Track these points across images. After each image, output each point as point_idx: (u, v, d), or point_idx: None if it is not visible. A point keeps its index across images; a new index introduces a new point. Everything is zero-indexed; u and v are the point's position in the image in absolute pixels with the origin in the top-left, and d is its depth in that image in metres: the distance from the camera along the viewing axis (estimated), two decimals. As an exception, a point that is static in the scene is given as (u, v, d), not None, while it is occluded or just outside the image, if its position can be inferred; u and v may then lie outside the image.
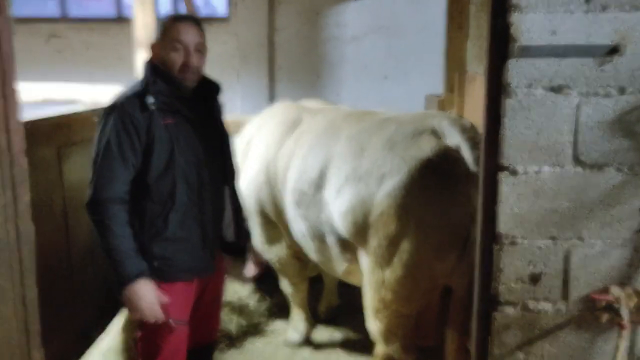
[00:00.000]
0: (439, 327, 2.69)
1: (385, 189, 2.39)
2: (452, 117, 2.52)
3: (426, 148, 2.38)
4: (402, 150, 2.42)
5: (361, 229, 2.49)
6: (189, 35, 2.17)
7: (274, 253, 3.42)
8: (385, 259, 2.43)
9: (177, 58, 2.16)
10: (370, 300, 2.58)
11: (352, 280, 2.92)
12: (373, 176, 2.45)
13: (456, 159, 2.34)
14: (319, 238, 2.80)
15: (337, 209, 2.59)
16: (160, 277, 2.18)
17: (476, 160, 2.28)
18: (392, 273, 2.42)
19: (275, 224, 3.27)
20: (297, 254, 3.35)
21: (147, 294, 2.11)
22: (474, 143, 2.32)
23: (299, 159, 2.87)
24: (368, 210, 2.44)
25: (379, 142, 2.53)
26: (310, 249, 2.97)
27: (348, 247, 2.68)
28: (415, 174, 2.34)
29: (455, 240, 2.32)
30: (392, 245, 2.40)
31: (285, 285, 3.62)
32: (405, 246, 2.36)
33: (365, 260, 2.56)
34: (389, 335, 2.57)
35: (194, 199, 2.21)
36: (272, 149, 3.16)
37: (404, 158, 2.39)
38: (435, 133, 2.45)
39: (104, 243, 2.09)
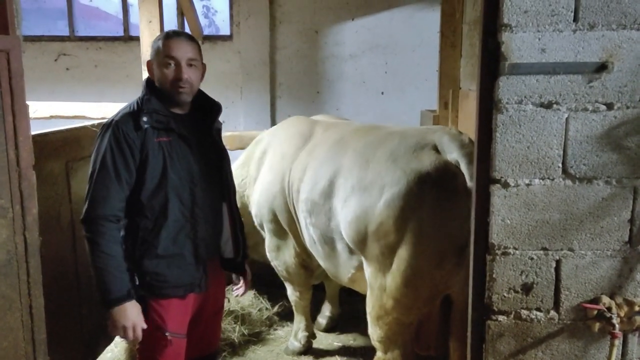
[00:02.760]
0: (441, 337, 2.73)
1: (384, 200, 2.47)
2: (452, 133, 2.59)
3: (426, 162, 2.45)
4: (404, 163, 2.49)
5: (364, 238, 2.56)
6: (180, 50, 2.18)
7: (281, 261, 3.49)
8: (386, 267, 2.49)
9: (168, 73, 2.19)
10: (371, 307, 2.64)
11: (357, 287, 2.98)
12: (376, 187, 2.52)
13: (454, 174, 2.40)
14: (329, 245, 2.88)
15: (344, 218, 2.66)
16: (153, 292, 2.21)
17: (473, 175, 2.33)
18: (392, 281, 2.48)
19: (285, 232, 3.35)
20: (304, 262, 3.43)
21: (130, 316, 2.12)
22: (471, 159, 2.38)
23: (312, 171, 2.95)
24: (370, 220, 2.51)
25: (383, 154, 2.61)
26: (321, 257, 3.05)
27: (354, 254, 2.76)
28: (413, 186, 2.41)
29: (453, 250, 2.38)
30: (391, 253, 2.46)
31: (290, 293, 3.68)
32: (403, 255, 2.42)
33: (368, 268, 2.62)
34: (388, 342, 2.62)
35: (187, 216, 2.23)
36: (287, 160, 3.25)
37: (404, 170, 2.46)
38: (436, 148, 2.52)
39: (93, 260, 2.10)
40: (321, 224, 2.86)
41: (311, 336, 3.78)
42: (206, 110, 2.38)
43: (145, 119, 2.14)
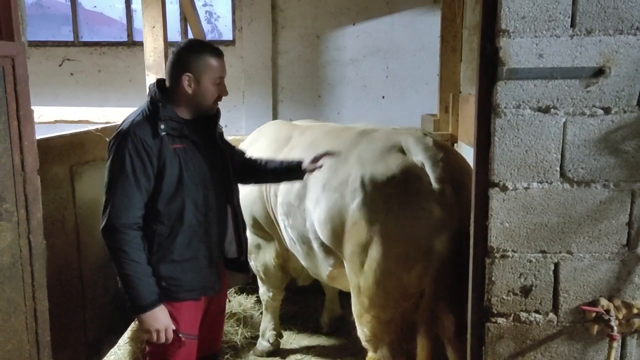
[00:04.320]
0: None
1: (355, 202, 2.52)
2: (417, 135, 2.64)
3: (392, 165, 2.51)
4: (371, 166, 2.55)
5: (338, 237, 2.62)
6: (225, 70, 2.30)
7: (261, 261, 3.55)
8: (359, 266, 2.55)
9: (216, 91, 2.27)
10: (354, 306, 2.69)
11: (336, 284, 3.04)
12: (347, 188, 2.58)
13: (419, 176, 2.46)
14: (307, 245, 2.94)
15: (317, 217, 2.72)
16: (169, 296, 2.23)
17: (437, 177, 2.39)
18: (364, 280, 2.53)
19: (267, 234, 3.41)
20: (283, 264, 3.52)
21: (162, 319, 2.17)
22: (435, 161, 2.44)
23: None
24: (343, 220, 2.57)
25: (351, 156, 2.67)
26: (301, 256, 3.11)
27: (330, 252, 2.80)
28: (380, 187, 2.47)
29: (419, 252, 2.42)
30: (362, 253, 2.52)
31: (263, 293, 3.73)
32: (373, 255, 2.47)
33: (346, 266, 2.68)
34: (375, 341, 2.65)
35: (201, 220, 2.27)
36: None
37: (372, 173, 2.52)
38: (402, 150, 2.58)
39: (120, 269, 2.12)
40: (298, 225, 2.91)
41: (279, 335, 3.82)
42: (208, 115, 2.40)
43: (162, 126, 2.17)
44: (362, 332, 2.69)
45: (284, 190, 2.98)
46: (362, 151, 2.65)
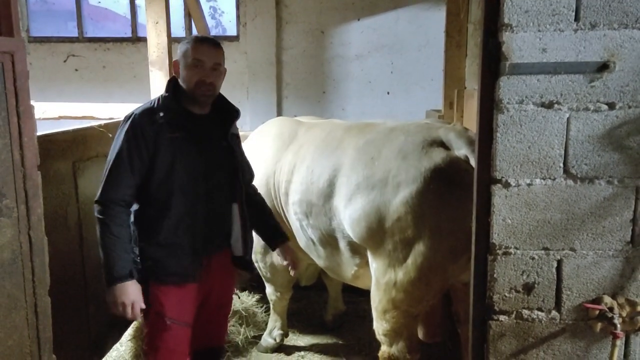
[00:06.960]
0: (445, 324, 2.79)
1: (401, 197, 2.51)
2: (457, 129, 2.64)
3: (438, 159, 2.51)
4: (416, 161, 2.54)
5: (375, 234, 2.60)
6: (206, 55, 2.32)
7: (267, 262, 3.53)
8: (400, 261, 2.54)
9: (193, 75, 2.32)
10: (378, 302, 2.67)
11: (358, 284, 3.02)
12: (388, 185, 2.56)
13: (465, 170, 2.45)
14: (331, 245, 2.91)
15: (349, 215, 2.69)
16: (154, 277, 2.33)
17: None
18: (405, 275, 2.52)
19: None
20: None
21: (130, 294, 2.24)
22: None
23: (303, 172, 2.96)
24: (383, 217, 2.55)
25: (390, 152, 2.64)
26: (320, 256, 3.07)
27: (357, 251, 2.79)
28: (429, 183, 2.47)
29: (466, 244, 2.40)
30: (407, 248, 2.51)
31: (271, 293, 3.73)
32: (420, 249, 2.48)
33: (377, 263, 2.66)
34: (394, 335, 2.66)
35: (189, 209, 2.34)
36: (271, 163, 3.27)
37: (418, 168, 2.51)
38: (444, 144, 2.57)
39: (101, 240, 2.23)
40: (321, 225, 2.88)
41: (285, 334, 3.85)
42: (224, 114, 2.50)
43: (160, 114, 2.28)
44: (382, 326, 2.69)
45: (300, 188, 2.95)
46: (402, 146, 2.63)
